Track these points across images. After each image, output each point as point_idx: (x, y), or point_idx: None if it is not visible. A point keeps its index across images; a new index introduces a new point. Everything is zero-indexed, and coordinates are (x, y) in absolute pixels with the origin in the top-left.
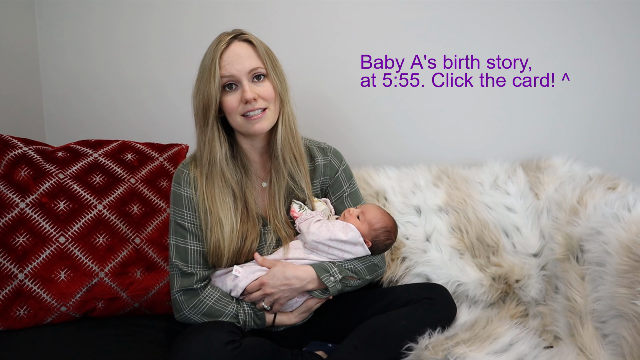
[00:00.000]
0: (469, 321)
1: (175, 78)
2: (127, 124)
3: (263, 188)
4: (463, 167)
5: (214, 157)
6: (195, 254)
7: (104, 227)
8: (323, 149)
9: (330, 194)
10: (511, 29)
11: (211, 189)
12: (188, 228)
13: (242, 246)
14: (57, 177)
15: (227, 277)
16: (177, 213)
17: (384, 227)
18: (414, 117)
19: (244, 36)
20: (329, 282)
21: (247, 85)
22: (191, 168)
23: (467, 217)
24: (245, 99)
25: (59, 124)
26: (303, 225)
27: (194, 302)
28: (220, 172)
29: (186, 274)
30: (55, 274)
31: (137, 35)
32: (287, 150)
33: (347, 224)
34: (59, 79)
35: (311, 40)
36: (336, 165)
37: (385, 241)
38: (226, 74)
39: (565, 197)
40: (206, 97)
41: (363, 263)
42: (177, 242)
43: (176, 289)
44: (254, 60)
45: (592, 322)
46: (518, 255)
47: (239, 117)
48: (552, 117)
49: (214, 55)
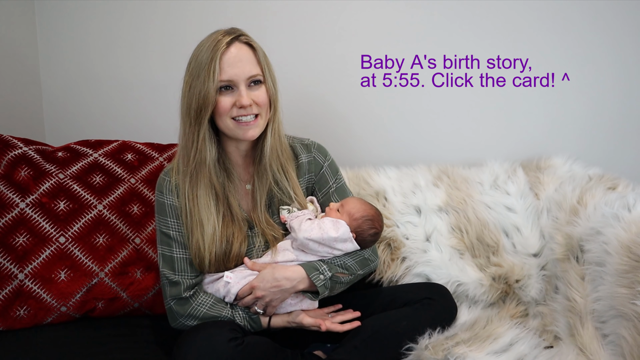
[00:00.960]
0: (469, 321)
1: (176, 78)
2: (127, 124)
3: (247, 190)
4: (463, 167)
5: (203, 158)
6: (181, 262)
7: (104, 227)
8: (306, 146)
9: (317, 191)
10: (511, 29)
11: (195, 190)
12: (173, 236)
13: (229, 250)
14: (57, 177)
15: (218, 283)
16: (161, 222)
17: (364, 217)
18: (414, 117)
19: (244, 38)
20: (317, 280)
21: (244, 91)
22: (172, 175)
23: (467, 217)
24: (240, 104)
25: (59, 124)
26: (294, 223)
27: (188, 310)
28: (208, 173)
29: (173, 282)
30: (55, 274)
31: (138, 35)
32: (274, 158)
33: (336, 220)
34: (59, 79)
35: (311, 40)
36: (320, 161)
37: (369, 231)
38: (225, 77)
39: (565, 197)
40: (202, 97)
41: (353, 258)
42: (164, 251)
43: (169, 298)
44: (253, 66)
45: (592, 322)
46: (518, 255)
47: (229, 120)
48: (552, 117)
49: (213, 55)
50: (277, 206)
